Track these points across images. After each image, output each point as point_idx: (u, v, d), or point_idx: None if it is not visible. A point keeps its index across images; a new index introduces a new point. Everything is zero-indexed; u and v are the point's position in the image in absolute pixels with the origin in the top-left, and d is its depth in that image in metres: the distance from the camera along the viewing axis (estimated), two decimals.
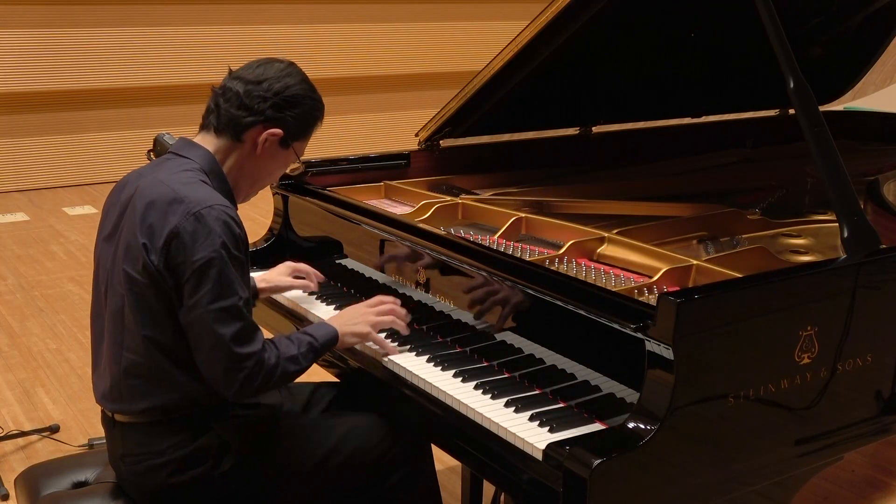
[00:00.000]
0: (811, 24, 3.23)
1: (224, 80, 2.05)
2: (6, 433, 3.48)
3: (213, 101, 2.04)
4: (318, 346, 2.03)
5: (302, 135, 2.07)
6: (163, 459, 1.96)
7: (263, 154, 2.03)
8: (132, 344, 1.93)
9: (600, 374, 1.81)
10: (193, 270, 1.84)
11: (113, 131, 8.09)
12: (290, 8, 8.68)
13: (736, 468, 1.77)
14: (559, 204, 2.71)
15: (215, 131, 2.02)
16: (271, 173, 2.11)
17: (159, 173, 1.97)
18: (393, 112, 9.34)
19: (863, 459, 3.28)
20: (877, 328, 1.95)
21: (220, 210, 1.88)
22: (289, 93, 2.00)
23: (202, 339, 1.87)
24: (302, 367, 1.99)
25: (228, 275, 1.86)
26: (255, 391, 1.92)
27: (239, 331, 1.87)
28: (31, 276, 5.56)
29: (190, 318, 1.86)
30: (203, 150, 2.01)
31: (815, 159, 1.99)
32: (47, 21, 7.61)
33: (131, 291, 1.91)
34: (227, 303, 1.85)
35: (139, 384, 1.94)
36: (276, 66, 2.03)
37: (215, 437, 1.98)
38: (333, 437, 2.08)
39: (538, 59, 2.67)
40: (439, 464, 2.23)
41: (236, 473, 2.00)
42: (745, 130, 3.65)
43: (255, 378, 1.89)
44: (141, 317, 1.91)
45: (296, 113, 2.02)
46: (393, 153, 2.94)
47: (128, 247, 1.92)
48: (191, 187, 1.91)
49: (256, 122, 1.99)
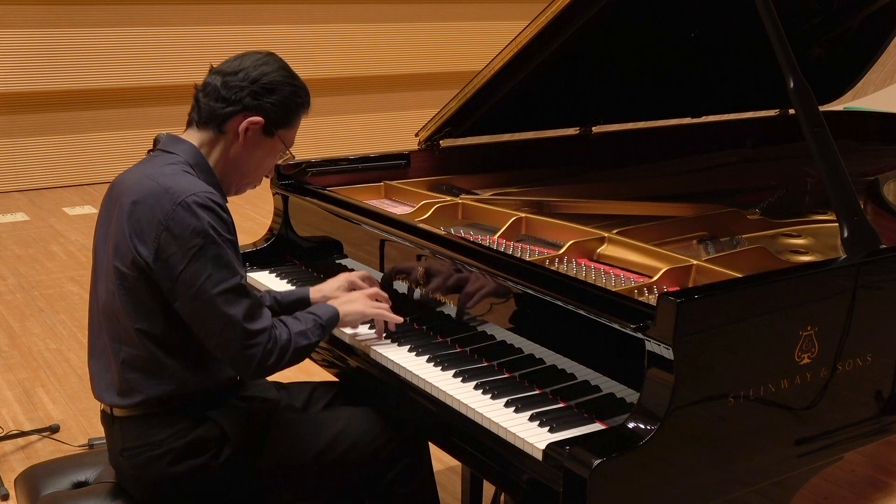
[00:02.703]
0: (811, 24, 3.23)
1: (206, 77, 2.07)
2: (6, 433, 3.49)
3: (195, 98, 2.06)
4: (323, 323, 2.07)
5: (285, 122, 2.06)
6: (161, 450, 1.97)
7: (247, 143, 2.03)
8: (127, 338, 1.96)
9: (600, 374, 1.81)
10: (189, 259, 1.86)
11: (113, 131, 8.09)
12: (290, 8, 8.68)
13: (736, 468, 1.77)
14: (559, 204, 2.71)
15: (197, 126, 2.04)
16: (259, 163, 2.10)
17: (145, 169, 2.00)
18: (393, 112, 9.34)
19: (863, 459, 3.28)
20: (877, 328, 1.95)
21: (205, 197, 1.90)
22: (266, 79, 2.00)
23: (212, 324, 1.89)
24: (311, 341, 2.03)
25: (225, 255, 1.88)
26: (271, 368, 1.95)
27: (248, 308, 1.90)
28: (31, 276, 5.56)
29: (195, 305, 1.88)
30: (187, 144, 2.03)
31: (815, 159, 1.99)
32: (47, 21, 7.61)
33: (122, 286, 1.93)
34: (230, 283, 1.88)
35: (136, 377, 1.96)
36: (253, 56, 2.04)
37: (214, 427, 2.00)
38: (331, 431, 2.10)
39: (538, 59, 2.67)
40: (439, 464, 2.23)
41: (235, 464, 2.01)
42: (745, 130, 3.65)
43: (271, 354, 1.93)
44: (133, 311, 1.93)
45: (275, 99, 2.01)
46: (393, 153, 2.94)
47: (117, 244, 1.94)
48: (174, 178, 1.93)
49: (236, 111, 2.00)
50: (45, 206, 7.33)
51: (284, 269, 2.70)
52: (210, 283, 1.86)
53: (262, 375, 1.99)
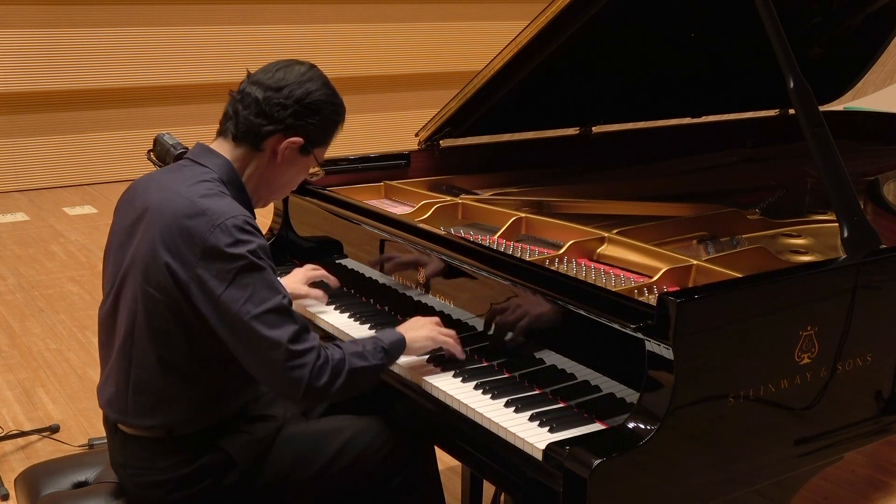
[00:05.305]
0: (811, 24, 3.23)
1: (242, 83, 1.98)
2: (6, 433, 3.48)
3: (232, 107, 1.96)
4: (386, 347, 1.94)
5: (322, 141, 2.00)
6: (163, 477, 1.93)
7: (283, 162, 1.97)
8: (143, 361, 1.89)
9: (600, 374, 1.81)
10: (230, 281, 1.78)
11: (113, 131, 8.09)
12: (290, 8, 8.68)
13: (736, 468, 1.77)
14: (559, 204, 2.71)
15: (234, 139, 1.95)
16: (291, 180, 2.05)
17: (177, 185, 1.90)
18: (393, 112, 9.34)
19: (863, 459, 3.28)
20: (877, 328, 1.95)
21: (244, 220, 1.83)
22: (310, 99, 1.93)
23: (255, 346, 1.79)
24: (370, 363, 1.90)
25: (266, 276, 1.81)
26: (323, 390, 1.82)
27: (293, 329, 1.80)
28: (31, 276, 5.56)
29: (236, 328, 1.79)
30: (221, 158, 1.95)
31: (815, 159, 1.99)
32: (47, 21, 7.61)
33: (146, 309, 1.86)
34: (272, 304, 1.79)
35: (147, 400, 1.91)
36: (296, 69, 1.95)
37: (219, 453, 1.95)
38: (337, 443, 2.06)
39: (538, 60, 2.67)
40: (439, 464, 2.22)
41: (239, 485, 1.97)
42: (745, 130, 3.65)
43: (322, 373, 1.81)
44: (155, 336, 1.86)
45: (317, 120, 1.95)
46: (393, 153, 2.93)
47: (146, 264, 1.86)
48: (211, 199, 1.85)
49: (276, 130, 1.92)
50: (45, 206, 7.33)
51: (285, 270, 2.69)
52: (252, 304, 1.77)
53: (315, 400, 1.89)
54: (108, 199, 7.20)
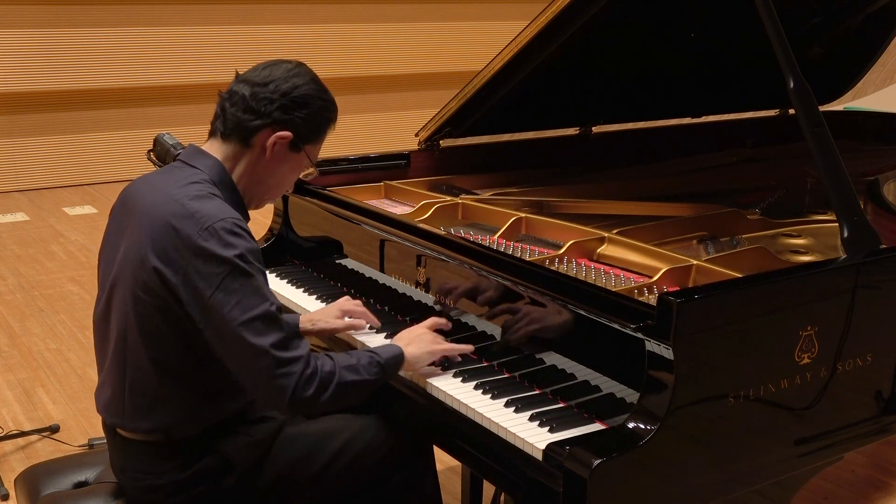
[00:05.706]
0: (811, 24, 3.23)
1: (231, 84, 1.98)
2: (6, 433, 3.48)
3: (220, 106, 1.96)
4: (382, 362, 1.91)
5: (313, 137, 1.98)
6: (162, 481, 1.93)
7: (274, 158, 1.95)
8: (137, 362, 1.89)
9: (600, 374, 1.81)
10: (217, 285, 1.76)
11: (113, 131, 8.09)
12: (290, 8, 8.68)
13: (736, 468, 1.77)
14: (559, 204, 2.71)
15: (222, 137, 1.94)
16: (284, 179, 2.02)
17: (168, 186, 1.89)
18: (393, 112, 9.34)
19: (863, 459, 3.28)
20: (877, 328, 1.95)
21: (233, 223, 1.81)
22: (297, 93, 1.91)
23: (241, 355, 1.78)
24: (361, 378, 1.87)
25: (253, 283, 1.79)
26: (309, 401, 1.79)
27: (279, 337, 1.77)
28: (31, 276, 5.56)
29: (222, 333, 1.78)
30: (212, 159, 1.94)
31: (815, 159, 1.99)
32: (47, 21, 7.61)
33: (137, 311, 1.85)
34: (259, 311, 1.77)
35: (143, 402, 1.90)
36: (283, 66, 1.94)
37: (218, 456, 1.94)
38: (336, 443, 2.05)
39: (538, 60, 2.67)
40: (439, 464, 2.22)
41: (239, 487, 1.97)
42: (745, 130, 3.65)
43: (309, 384, 1.78)
44: (147, 338, 1.86)
45: (305, 114, 1.93)
46: (393, 153, 2.94)
47: (134, 266, 1.85)
48: (201, 202, 1.83)
49: (264, 125, 1.91)
50: (45, 206, 7.33)
51: (285, 270, 2.70)
52: (238, 311, 1.75)
53: (300, 410, 1.86)
54: (108, 199, 7.19)
